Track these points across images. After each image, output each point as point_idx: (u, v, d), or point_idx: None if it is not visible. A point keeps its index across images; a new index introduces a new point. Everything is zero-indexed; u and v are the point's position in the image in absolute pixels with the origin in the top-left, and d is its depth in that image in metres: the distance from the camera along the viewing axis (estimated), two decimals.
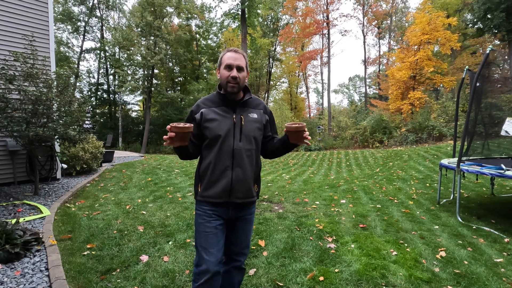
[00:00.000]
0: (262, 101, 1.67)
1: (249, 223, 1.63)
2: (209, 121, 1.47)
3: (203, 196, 1.50)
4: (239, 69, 1.48)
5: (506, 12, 13.95)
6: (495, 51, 15.60)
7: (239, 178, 1.48)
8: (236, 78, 1.45)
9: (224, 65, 1.48)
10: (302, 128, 1.41)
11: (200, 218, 1.50)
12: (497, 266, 2.54)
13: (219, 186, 1.47)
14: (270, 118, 1.66)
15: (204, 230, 1.48)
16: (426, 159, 8.99)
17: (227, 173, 1.46)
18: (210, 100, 1.54)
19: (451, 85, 16.75)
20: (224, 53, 1.52)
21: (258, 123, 1.55)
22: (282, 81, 33.91)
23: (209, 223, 1.48)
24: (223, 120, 1.48)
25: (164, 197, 4.77)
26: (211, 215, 1.49)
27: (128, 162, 9.09)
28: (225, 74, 1.46)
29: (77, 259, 2.55)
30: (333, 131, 20.33)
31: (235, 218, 1.55)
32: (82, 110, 5.13)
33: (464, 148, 4.13)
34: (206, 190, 1.50)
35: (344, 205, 4.47)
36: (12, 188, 4.97)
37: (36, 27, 5.32)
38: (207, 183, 1.49)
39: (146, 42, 21.73)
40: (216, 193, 1.47)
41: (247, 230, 1.63)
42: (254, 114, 1.56)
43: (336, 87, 46.28)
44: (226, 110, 1.50)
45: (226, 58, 1.48)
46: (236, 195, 1.49)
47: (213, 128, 1.46)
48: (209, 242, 1.46)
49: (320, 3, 23.97)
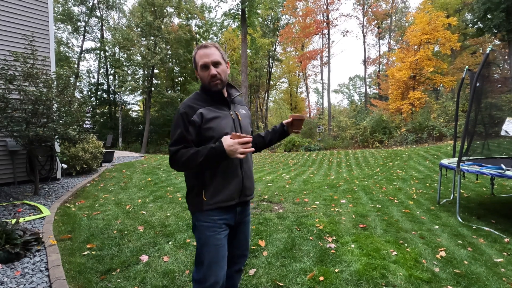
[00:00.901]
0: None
1: (248, 225, 1.62)
2: (211, 120, 1.37)
3: (213, 203, 1.38)
4: (216, 64, 1.38)
5: (506, 12, 13.95)
6: (495, 51, 15.58)
7: (247, 175, 1.47)
8: (216, 75, 1.37)
9: (200, 66, 1.39)
10: (304, 118, 1.66)
11: (209, 231, 1.38)
12: (497, 266, 2.54)
13: (231, 187, 1.40)
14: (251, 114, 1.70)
15: (215, 243, 1.38)
16: (426, 159, 8.99)
17: (238, 171, 1.42)
18: (200, 100, 1.42)
19: (451, 85, 16.76)
20: (195, 52, 1.42)
21: (248, 119, 1.58)
22: (282, 81, 33.95)
23: (219, 235, 1.39)
24: (225, 117, 1.42)
25: (164, 197, 4.77)
26: (221, 225, 1.40)
27: (128, 162, 9.09)
28: (205, 75, 1.39)
29: (77, 259, 2.55)
30: (333, 131, 20.33)
31: (238, 222, 1.52)
32: (82, 110, 5.13)
33: (464, 148, 4.13)
34: (216, 195, 1.38)
35: (344, 205, 4.47)
36: (12, 188, 4.97)
37: (36, 27, 5.32)
38: (216, 187, 1.38)
39: (146, 42, 21.74)
40: (228, 196, 1.39)
41: (247, 233, 1.61)
42: (243, 110, 1.56)
43: (336, 87, 46.35)
44: (221, 108, 1.44)
45: (199, 58, 1.39)
46: (245, 192, 1.47)
47: (218, 126, 1.37)
48: (220, 255, 1.39)
49: (320, 3, 23.96)
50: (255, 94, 30.36)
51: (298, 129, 1.65)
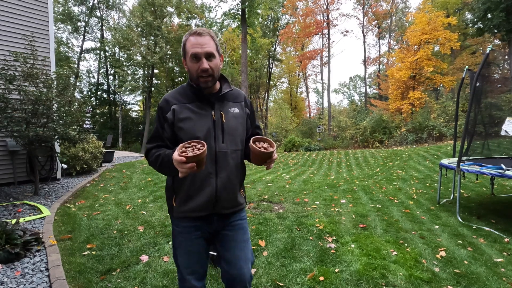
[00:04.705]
0: (241, 91, 1.40)
1: (242, 231, 1.34)
2: (182, 120, 1.20)
3: (182, 212, 1.25)
4: (209, 56, 1.18)
5: (506, 12, 13.94)
6: (495, 51, 15.58)
7: (225, 185, 1.23)
8: (208, 70, 1.17)
9: (190, 55, 1.18)
10: (268, 155, 1.15)
11: (180, 236, 1.28)
12: (497, 266, 2.54)
13: (201, 197, 1.21)
14: (251, 111, 1.39)
15: (186, 249, 1.28)
16: (426, 159, 8.99)
17: (211, 181, 1.21)
18: (181, 94, 1.25)
19: (451, 85, 16.77)
20: (186, 38, 1.20)
21: (241, 119, 1.31)
22: (282, 81, 33.96)
23: (191, 241, 1.27)
24: (200, 118, 1.21)
25: (164, 197, 4.76)
26: (193, 231, 1.27)
27: (128, 162, 9.09)
28: (194, 67, 1.18)
29: (77, 259, 2.55)
30: (333, 131, 20.34)
31: (222, 226, 1.32)
32: (82, 110, 5.13)
33: (464, 148, 4.13)
34: (184, 203, 1.24)
35: (344, 205, 4.47)
36: (12, 188, 4.97)
37: (36, 27, 5.33)
38: (185, 195, 1.23)
39: (146, 42, 21.74)
40: (197, 206, 1.23)
41: (241, 241, 1.33)
42: (235, 109, 1.30)
43: (337, 86, 46.40)
44: (202, 106, 1.23)
45: (190, 46, 1.18)
46: (222, 205, 1.26)
47: (189, 129, 1.19)
48: (193, 260, 1.28)
49: (320, 3, 23.99)
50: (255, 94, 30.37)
51: (259, 164, 1.21)
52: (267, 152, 1.13)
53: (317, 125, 20.10)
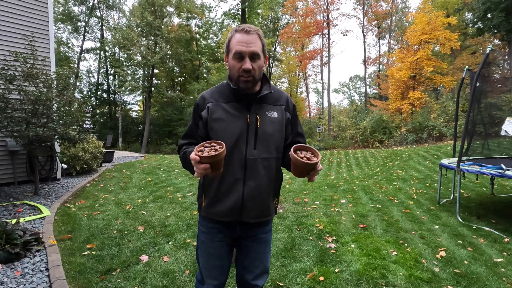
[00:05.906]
0: (285, 93, 1.30)
1: (264, 244, 1.31)
2: (215, 120, 1.16)
3: (208, 213, 1.24)
4: (253, 56, 1.10)
5: (506, 12, 13.94)
6: (495, 51, 15.56)
7: (252, 194, 1.17)
8: (250, 71, 1.10)
9: (233, 53, 1.11)
10: (311, 166, 0.99)
11: (203, 236, 1.28)
12: (497, 266, 2.54)
13: (227, 203, 1.17)
14: (293, 115, 1.28)
15: (207, 251, 1.27)
16: (426, 159, 8.99)
17: (237, 187, 1.16)
18: (218, 93, 1.21)
19: (451, 85, 16.76)
20: (232, 34, 1.14)
21: (279, 124, 1.21)
22: (282, 81, 33.89)
23: (213, 243, 1.26)
24: (233, 120, 1.15)
25: (164, 197, 4.77)
26: (216, 234, 1.25)
27: (128, 162, 9.09)
28: (236, 66, 1.11)
29: (77, 259, 2.55)
30: (333, 131, 20.34)
31: (245, 236, 1.28)
32: (82, 110, 5.13)
33: (464, 148, 4.13)
34: (211, 206, 1.22)
35: (344, 205, 4.47)
36: (12, 188, 4.97)
37: (36, 27, 5.32)
38: (213, 197, 1.20)
39: (146, 42, 21.73)
40: (223, 211, 1.19)
41: (262, 253, 1.31)
42: (274, 113, 1.21)
43: (337, 85, 46.38)
44: (238, 108, 1.17)
45: (235, 43, 1.11)
46: (248, 214, 1.19)
47: (219, 131, 1.15)
48: (212, 264, 1.27)
49: (320, 3, 23.96)
50: None
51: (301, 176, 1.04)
52: (310, 163, 0.97)
53: (317, 125, 20.10)
